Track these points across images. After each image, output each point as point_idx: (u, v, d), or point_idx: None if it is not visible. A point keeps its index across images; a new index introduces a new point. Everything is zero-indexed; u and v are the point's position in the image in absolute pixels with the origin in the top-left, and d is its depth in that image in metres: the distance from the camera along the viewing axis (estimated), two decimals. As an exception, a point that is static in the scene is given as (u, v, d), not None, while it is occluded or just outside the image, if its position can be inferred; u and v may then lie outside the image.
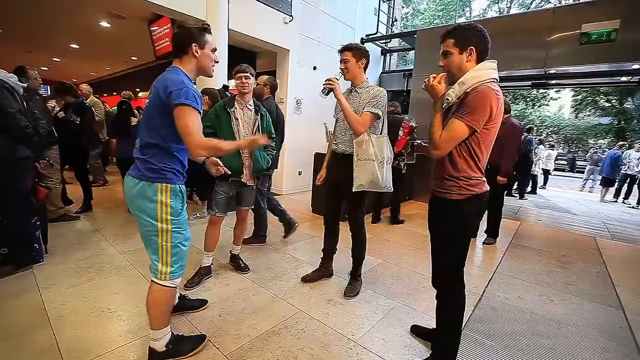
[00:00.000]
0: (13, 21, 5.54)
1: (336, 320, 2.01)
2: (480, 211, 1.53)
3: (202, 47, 1.47)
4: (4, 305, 1.94)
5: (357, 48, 2.11)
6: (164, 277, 1.46)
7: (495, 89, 1.34)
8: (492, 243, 3.75)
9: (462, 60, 1.44)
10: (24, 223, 2.33)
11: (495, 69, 1.41)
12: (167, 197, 1.42)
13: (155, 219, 1.40)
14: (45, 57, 8.19)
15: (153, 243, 1.45)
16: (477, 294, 2.47)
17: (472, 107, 1.34)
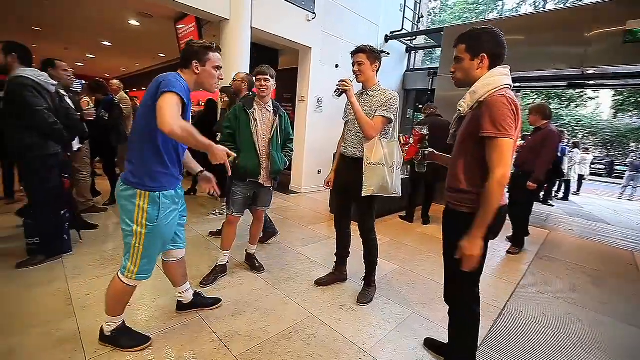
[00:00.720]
0: (52, 20, 5.86)
1: (347, 327, 1.98)
2: (497, 226, 1.44)
3: (203, 65, 1.53)
4: (35, 292, 2.06)
5: (371, 50, 2.07)
6: (129, 274, 1.54)
7: (509, 96, 1.26)
8: (517, 252, 3.58)
9: (472, 67, 1.38)
10: (54, 215, 2.46)
11: (507, 75, 1.34)
12: (145, 202, 1.46)
13: (132, 221, 1.47)
14: (79, 53, 8.63)
15: (127, 242, 1.52)
16: (497, 308, 2.36)
17: (496, 118, 1.25)
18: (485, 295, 2.48)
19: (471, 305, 1.51)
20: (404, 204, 4.49)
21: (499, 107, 1.24)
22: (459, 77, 1.45)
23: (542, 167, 3.34)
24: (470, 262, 1.31)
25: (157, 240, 1.55)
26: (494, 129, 1.24)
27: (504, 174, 1.24)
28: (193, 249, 2.89)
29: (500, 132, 1.24)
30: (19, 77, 2.23)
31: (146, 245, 1.51)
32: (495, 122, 1.24)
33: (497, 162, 1.25)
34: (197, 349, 1.68)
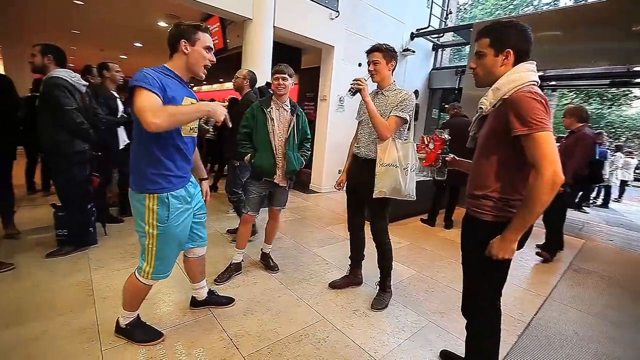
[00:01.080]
0: (89, 23, 6.21)
1: (360, 333, 1.92)
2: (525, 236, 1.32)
3: (192, 44, 1.45)
4: (61, 282, 2.16)
5: (387, 49, 2.00)
6: (144, 274, 1.56)
7: (536, 92, 1.15)
8: (548, 260, 3.36)
9: (496, 64, 1.27)
10: (81, 209, 2.58)
11: (534, 71, 1.22)
12: (154, 204, 1.45)
13: (143, 222, 1.47)
14: (114, 54, 9.07)
15: (142, 242, 1.53)
16: (522, 322, 2.21)
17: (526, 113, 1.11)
18: (510, 307, 2.35)
19: (491, 319, 1.41)
20: (427, 207, 4.35)
21: (527, 102, 1.12)
22: (480, 74, 1.34)
23: (570, 169, 3.12)
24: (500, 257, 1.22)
25: (170, 241, 1.54)
26: (526, 124, 1.11)
27: (555, 170, 1.07)
28: (210, 246, 2.92)
29: (537, 125, 1.10)
30: (53, 78, 2.34)
31: (159, 246, 1.51)
32: (526, 117, 1.11)
33: (542, 159, 1.09)
34: (206, 346, 1.69)
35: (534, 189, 1.12)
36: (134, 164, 1.46)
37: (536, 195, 1.11)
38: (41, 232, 2.86)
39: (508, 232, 1.19)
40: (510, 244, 1.19)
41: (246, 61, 4.45)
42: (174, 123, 1.30)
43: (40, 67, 2.41)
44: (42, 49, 2.41)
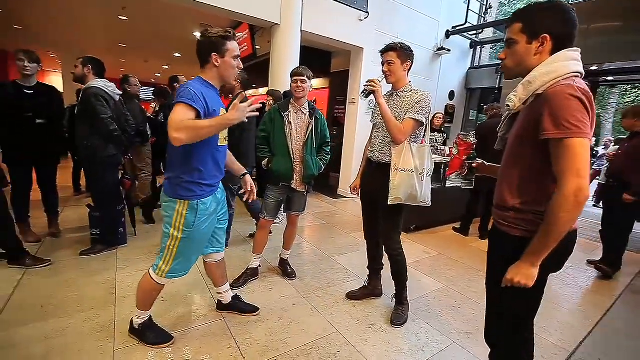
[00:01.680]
0: (133, 37, 6.71)
1: (374, 350, 1.79)
2: (565, 256, 1.13)
3: (222, 56, 1.46)
4: (89, 279, 2.28)
5: (403, 48, 1.87)
6: (159, 272, 1.58)
7: (579, 86, 0.95)
8: (608, 275, 2.97)
9: (529, 52, 1.07)
10: (112, 210, 2.72)
11: (577, 60, 1.01)
12: (184, 209, 1.50)
13: (170, 225, 1.52)
14: (157, 65, 9.75)
15: (163, 242, 1.56)
16: (565, 351, 1.93)
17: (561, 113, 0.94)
18: (550, 331, 2.09)
19: (519, 351, 1.21)
20: (460, 215, 4.06)
21: (564, 99, 0.94)
22: (509, 66, 1.14)
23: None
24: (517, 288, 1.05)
25: (193, 244, 1.58)
26: (559, 127, 0.94)
27: (580, 185, 0.92)
28: (231, 250, 2.97)
29: (571, 130, 0.92)
30: (91, 88, 2.51)
31: (180, 248, 1.55)
32: (561, 119, 0.93)
33: (569, 169, 0.93)
34: (214, 353, 1.67)
35: (553, 204, 0.96)
36: (170, 170, 1.52)
37: (555, 213, 0.95)
38: (80, 231, 3.07)
39: (527, 254, 1.02)
40: (528, 269, 1.02)
41: (274, 66, 4.50)
42: (196, 138, 1.32)
43: (80, 77, 2.59)
44: (83, 61, 2.59)
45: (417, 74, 6.10)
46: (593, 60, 4.62)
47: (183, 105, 1.32)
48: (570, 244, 1.11)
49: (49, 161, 2.87)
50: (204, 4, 3.62)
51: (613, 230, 3.13)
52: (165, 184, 1.54)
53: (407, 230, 3.85)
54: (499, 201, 1.19)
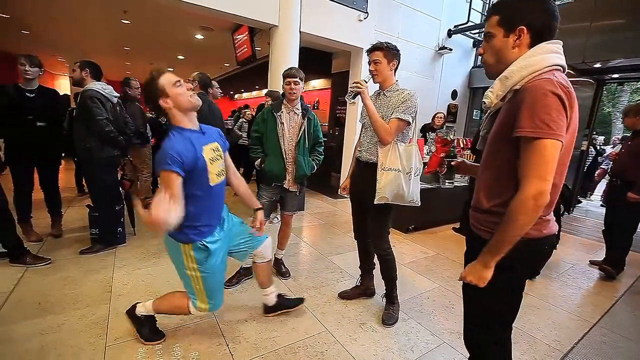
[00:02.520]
0: (137, 40, 6.84)
1: (362, 349, 1.79)
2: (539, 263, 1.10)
3: (166, 96, 1.38)
4: (86, 278, 2.33)
5: (389, 48, 1.86)
6: (202, 310, 1.61)
7: (558, 80, 0.90)
8: (611, 275, 2.92)
9: (506, 46, 1.02)
10: (110, 210, 2.78)
11: (558, 53, 0.97)
12: (190, 250, 1.50)
13: (183, 267, 1.53)
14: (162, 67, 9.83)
15: (186, 282, 1.58)
16: (558, 352, 1.90)
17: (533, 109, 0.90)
18: (545, 332, 2.07)
19: (496, 357, 1.19)
20: (460, 215, 4.02)
21: (541, 96, 0.89)
22: (488, 61, 1.09)
23: None
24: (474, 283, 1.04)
25: (216, 275, 1.59)
26: (532, 126, 0.89)
27: (542, 189, 0.89)
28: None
29: (543, 130, 0.88)
30: (88, 90, 2.56)
31: (207, 284, 1.56)
32: (535, 117, 0.89)
33: (532, 171, 0.90)
34: (202, 350, 1.69)
35: (511, 206, 0.94)
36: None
37: (512, 215, 0.93)
38: (82, 231, 3.13)
39: (482, 254, 1.01)
40: (481, 269, 1.01)
41: (273, 67, 4.52)
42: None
43: (78, 80, 2.65)
44: (80, 65, 2.64)
45: (419, 73, 6.08)
46: (597, 58, 4.54)
47: (165, 173, 1.32)
48: (548, 249, 1.08)
49: (50, 162, 2.94)
50: (202, 7, 3.66)
51: (617, 230, 3.07)
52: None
53: (405, 230, 3.84)
54: (475, 202, 1.16)
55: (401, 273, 2.64)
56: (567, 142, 0.95)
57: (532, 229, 0.99)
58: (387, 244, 2.02)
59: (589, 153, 6.30)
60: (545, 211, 1.00)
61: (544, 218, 1.02)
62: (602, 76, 5.22)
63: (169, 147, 1.34)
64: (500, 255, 0.98)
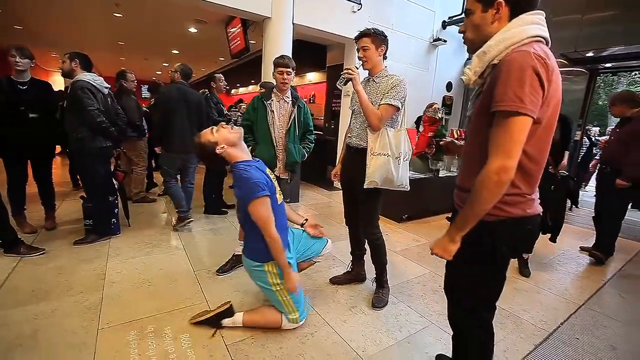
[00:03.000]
0: (130, 35, 6.80)
1: (352, 330, 1.83)
2: (521, 243, 1.10)
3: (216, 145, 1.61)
4: (80, 267, 2.35)
5: (376, 34, 1.88)
6: (294, 321, 1.74)
7: (536, 52, 0.88)
8: (601, 260, 2.98)
9: (485, 21, 1.00)
10: (104, 201, 2.79)
11: (539, 24, 0.94)
12: (274, 267, 1.65)
13: (269, 285, 1.68)
14: (157, 62, 9.86)
15: (274, 298, 1.72)
16: (544, 331, 1.94)
17: (506, 83, 0.88)
18: (532, 313, 2.13)
19: (479, 336, 1.20)
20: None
21: (516, 70, 0.87)
22: (470, 38, 1.07)
23: (636, 161, 2.74)
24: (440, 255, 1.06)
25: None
26: (504, 100, 0.87)
27: (506, 166, 0.89)
28: (223, 238, 3.03)
29: (514, 103, 0.86)
30: (78, 81, 2.57)
31: (291, 295, 1.69)
32: (508, 91, 0.87)
33: (500, 147, 0.90)
34: (193, 333, 1.72)
35: (477, 180, 0.94)
36: (251, 240, 1.68)
37: (477, 189, 0.94)
38: (76, 223, 3.15)
39: (449, 228, 1.03)
40: (447, 243, 1.03)
41: (266, 59, 4.52)
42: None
43: (68, 71, 2.65)
44: (70, 56, 2.64)
45: (414, 65, 6.07)
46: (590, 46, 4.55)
47: (261, 199, 1.52)
48: (531, 228, 1.06)
49: (44, 155, 2.94)
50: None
51: (606, 216, 3.11)
52: (248, 251, 1.70)
53: (399, 220, 3.87)
54: (459, 181, 1.17)
55: (393, 260, 2.69)
56: (547, 117, 0.95)
57: (516, 207, 1.00)
58: (376, 228, 2.05)
59: (582, 144, 6.32)
60: (528, 189, 1.01)
61: (528, 197, 1.02)
62: (595, 65, 5.23)
63: (251, 177, 1.53)
64: (465, 231, 1.00)
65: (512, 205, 1.00)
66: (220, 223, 3.48)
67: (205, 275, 2.35)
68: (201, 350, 1.60)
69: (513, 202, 1.00)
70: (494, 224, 1.01)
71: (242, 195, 1.56)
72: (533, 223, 1.06)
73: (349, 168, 2.10)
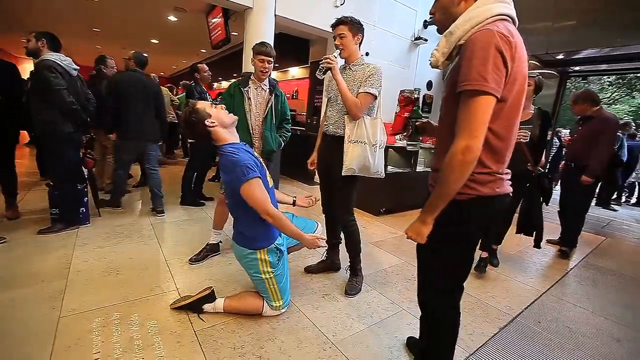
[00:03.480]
0: (106, 21, 6.53)
1: (323, 316, 1.84)
2: (489, 221, 1.11)
3: (209, 115, 1.58)
4: (44, 256, 2.25)
5: (353, 22, 1.89)
6: (277, 308, 1.74)
7: (499, 30, 0.88)
8: (565, 253, 3.12)
9: (452, 2, 1.01)
10: (72, 189, 2.68)
11: (504, 2, 0.95)
12: (265, 255, 1.65)
13: (259, 272, 1.66)
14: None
15: (261, 286, 1.72)
16: (508, 315, 2.02)
17: (470, 63, 0.89)
18: (498, 299, 2.21)
19: (451, 317, 1.23)
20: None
21: (479, 49, 0.87)
22: (439, 19, 1.09)
23: (597, 158, 2.88)
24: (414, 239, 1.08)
25: (284, 272, 1.76)
26: (468, 79, 0.88)
27: (470, 145, 0.90)
28: (197, 228, 2.97)
29: (478, 83, 0.87)
30: (43, 60, 2.44)
31: (279, 283, 1.71)
32: (472, 70, 0.87)
33: (465, 127, 0.91)
34: (161, 319, 1.68)
35: (444, 161, 0.96)
36: (242, 226, 1.67)
37: (444, 170, 0.95)
38: (42, 213, 3.00)
39: (421, 212, 1.04)
40: (419, 226, 1.04)
41: (247, 51, 4.46)
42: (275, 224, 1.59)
43: (33, 50, 2.51)
44: (36, 35, 2.51)
45: (395, 63, 6.14)
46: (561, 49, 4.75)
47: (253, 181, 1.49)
48: (499, 207, 1.08)
49: (5, 140, 2.79)
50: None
51: (570, 212, 3.26)
52: (239, 239, 1.68)
53: (377, 213, 3.92)
54: (432, 164, 1.19)
55: (368, 251, 2.73)
56: (513, 95, 0.95)
57: (486, 186, 1.02)
58: (352, 215, 2.08)
59: (553, 144, 6.60)
60: (497, 167, 1.03)
61: (497, 176, 1.04)
62: (566, 68, 5.47)
63: (240, 159, 1.51)
64: (435, 213, 1.01)
65: (482, 184, 1.01)
66: (196, 214, 3.41)
67: (177, 264, 2.30)
68: (168, 336, 1.57)
69: (483, 181, 1.01)
70: (464, 203, 1.02)
71: (231, 179, 1.52)
72: (502, 202, 1.08)
73: (325, 156, 2.10)
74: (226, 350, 1.51)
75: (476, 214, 1.05)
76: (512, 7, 0.97)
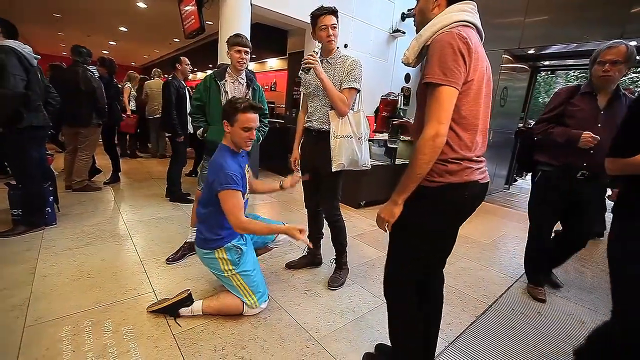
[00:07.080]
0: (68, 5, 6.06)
1: (305, 313, 1.83)
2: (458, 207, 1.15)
3: (232, 125, 1.62)
4: (6, 260, 2.10)
5: (337, 11, 1.86)
6: (253, 305, 1.71)
7: (458, 32, 0.99)
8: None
9: (427, 7, 1.11)
10: (36, 188, 2.51)
11: (468, 11, 1.06)
12: (223, 253, 1.68)
13: (221, 271, 1.69)
14: (102, 40, 8.90)
15: (229, 285, 1.72)
16: (484, 304, 2.10)
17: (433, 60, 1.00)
18: (474, 288, 2.27)
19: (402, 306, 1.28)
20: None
21: (440, 48, 0.99)
22: (417, 21, 1.20)
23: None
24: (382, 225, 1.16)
25: (248, 266, 1.72)
26: (432, 73, 1.00)
27: (439, 131, 0.99)
28: (175, 227, 2.87)
29: (439, 76, 0.98)
30: (2, 46, 2.25)
31: (246, 279, 1.70)
32: (434, 66, 0.99)
33: (433, 115, 1.00)
34: (138, 324, 1.61)
35: (415, 146, 1.05)
36: (203, 227, 1.70)
37: (415, 154, 1.04)
38: (2, 214, 2.80)
39: (393, 193, 1.11)
40: (391, 207, 1.11)
41: (222, 41, 4.30)
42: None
43: (-12, 38, 2.31)
44: (-9, 22, 2.31)
45: (373, 55, 6.14)
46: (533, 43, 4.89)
47: (233, 192, 1.56)
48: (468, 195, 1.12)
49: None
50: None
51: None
52: (200, 241, 1.71)
53: (357, 206, 3.95)
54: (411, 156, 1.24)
55: (349, 244, 2.71)
56: (476, 88, 1.05)
57: (456, 175, 1.07)
58: (337, 210, 2.08)
59: (525, 135, 6.89)
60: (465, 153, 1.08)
61: (465, 164, 1.08)
62: (536, 63, 5.67)
63: (227, 168, 1.57)
64: (406, 193, 1.08)
65: (453, 174, 1.08)
66: (173, 211, 3.30)
67: (153, 264, 2.21)
68: (145, 341, 1.51)
69: (454, 171, 1.08)
70: (434, 190, 1.09)
71: (214, 180, 1.58)
72: (471, 190, 1.13)
73: (310, 152, 2.07)
74: (207, 352, 1.48)
75: (445, 201, 1.12)
76: (474, 16, 1.08)
